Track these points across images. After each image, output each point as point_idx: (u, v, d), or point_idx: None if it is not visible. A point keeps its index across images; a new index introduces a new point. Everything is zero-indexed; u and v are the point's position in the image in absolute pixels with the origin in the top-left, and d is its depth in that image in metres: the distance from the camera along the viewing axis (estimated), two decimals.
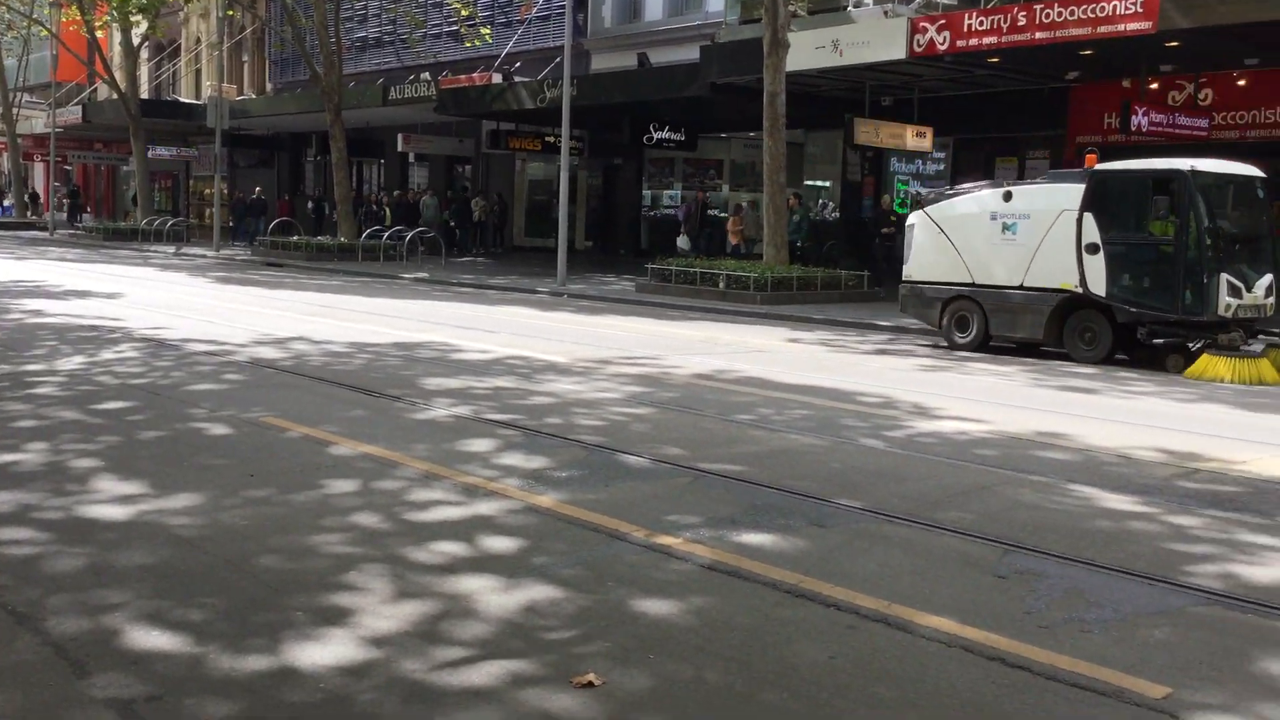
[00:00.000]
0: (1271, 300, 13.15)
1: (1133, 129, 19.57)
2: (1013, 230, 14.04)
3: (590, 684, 3.88)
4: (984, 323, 14.31)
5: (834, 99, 25.20)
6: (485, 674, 3.96)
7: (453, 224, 34.82)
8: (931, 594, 4.93)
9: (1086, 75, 23.07)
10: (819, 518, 6.09)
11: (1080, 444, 8.36)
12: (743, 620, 4.57)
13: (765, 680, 4.00)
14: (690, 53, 25.99)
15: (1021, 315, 13.96)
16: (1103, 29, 17.56)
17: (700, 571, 5.16)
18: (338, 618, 4.44)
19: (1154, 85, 22.44)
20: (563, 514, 6.02)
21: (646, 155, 33.02)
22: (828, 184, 30.32)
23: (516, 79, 30.12)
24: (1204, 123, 21.45)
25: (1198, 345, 12.74)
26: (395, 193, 38.11)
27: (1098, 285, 13.25)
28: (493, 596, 4.74)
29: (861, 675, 4.07)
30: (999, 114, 25.52)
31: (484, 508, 6.11)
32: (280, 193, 44.36)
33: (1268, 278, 13.06)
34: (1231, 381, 12.06)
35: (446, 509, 6.06)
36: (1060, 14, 17.82)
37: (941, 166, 28.14)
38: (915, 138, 24.20)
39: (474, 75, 32.05)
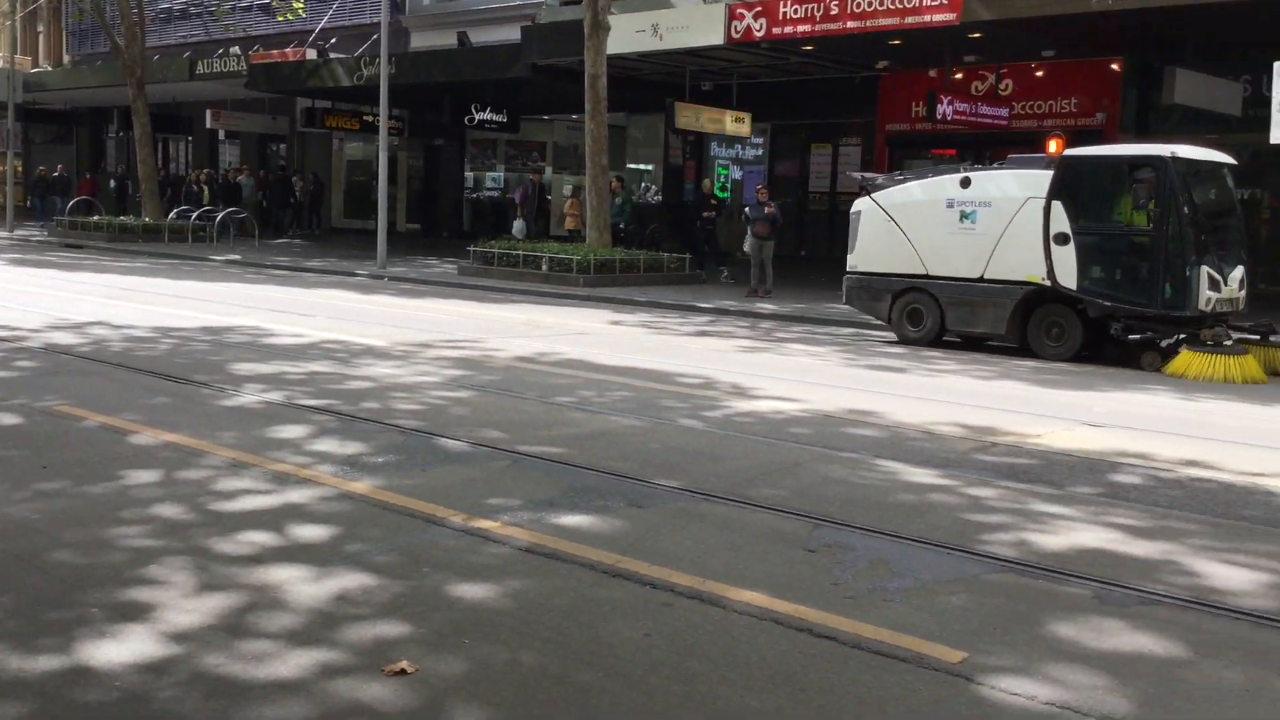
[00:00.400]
0: (1243, 293, 12.53)
1: (938, 117, 20.36)
2: (972, 219, 13.11)
3: (403, 671, 3.82)
4: (939, 316, 13.40)
5: (656, 83, 25.40)
6: (293, 666, 3.85)
7: (266, 204, 33.69)
8: (745, 569, 5.03)
9: (896, 65, 23.88)
10: (637, 498, 6.14)
11: (888, 421, 8.67)
12: (559, 602, 4.57)
13: (581, 660, 4.01)
14: (511, 33, 25.79)
15: (982, 309, 13.08)
16: (910, 20, 18.19)
17: (518, 554, 5.14)
18: (136, 613, 4.25)
19: (959, 75, 23.40)
20: (378, 500, 5.91)
21: (468, 136, 32.67)
22: (650, 167, 30.57)
23: (332, 55, 29.34)
24: (1004, 112, 22.47)
25: (1170, 341, 12.14)
26: (210, 171, 36.64)
27: (1068, 278, 12.40)
28: (303, 586, 4.61)
29: (675, 651, 4.12)
30: (815, 101, 26.18)
31: (295, 496, 5.94)
32: (80, 170, 42.12)
33: (1240, 269, 12.43)
34: (1216, 379, 11.31)
35: (255, 498, 5.87)
36: (870, 4, 18.38)
37: (760, 151, 28.74)
38: (735, 123, 24.60)
39: (287, 51, 31.08)
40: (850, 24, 18.75)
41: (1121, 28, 18.92)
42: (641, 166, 30.89)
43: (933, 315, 13.50)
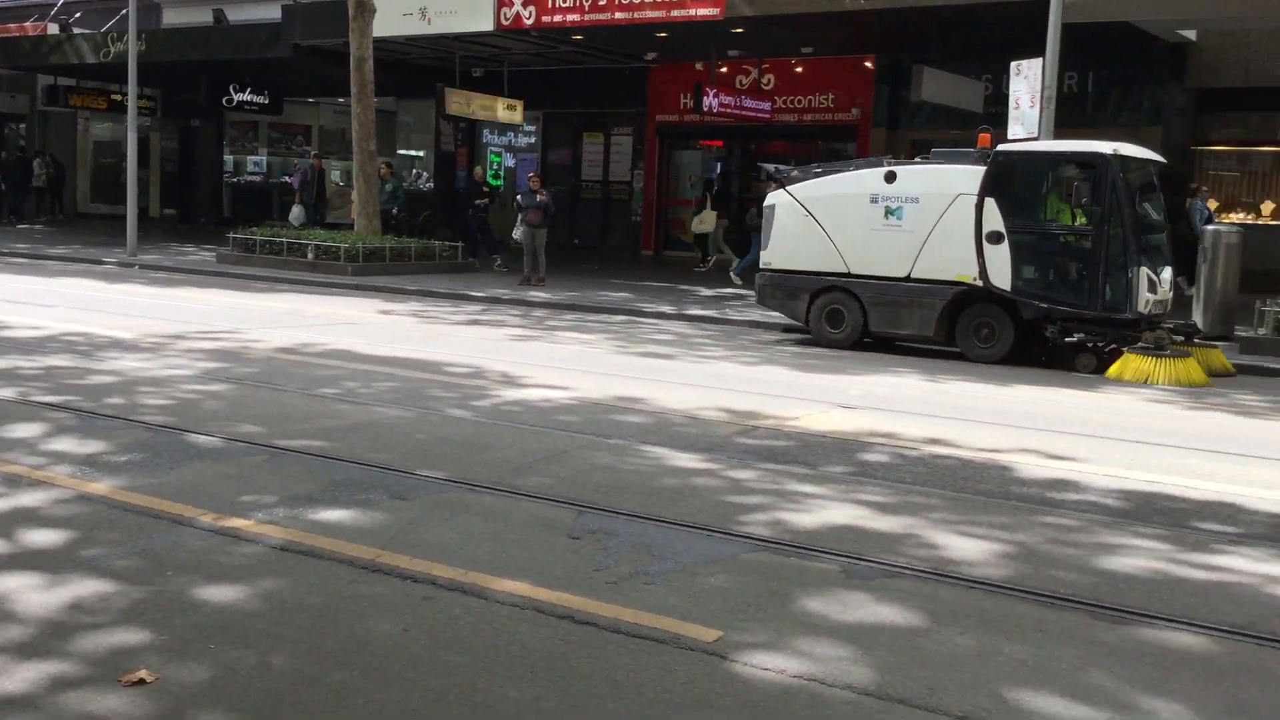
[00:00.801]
0: (1171, 294, 12.38)
1: (705, 109, 20.82)
2: (898, 215, 12.48)
3: (141, 681, 3.62)
4: (862, 317, 12.76)
5: (425, 67, 25.00)
6: (21, 680, 3.60)
7: (4, 188, 31.35)
8: (508, 559, 5.01)
9: (664, 57, 24.27)
10: (400, 490, 6.02)
11: (656, 407, 8.81)
12: (314, 600, 4.44)
13: (335, 660, 3.90)
14: (272, 11, 24.84)
15: (909, 310, 12.50)
16: (676, 13, 18.52)
17: (272, 553, 4.96)
18: None
19: (724, 69, 23.98)
20: (119, 501, 5.58)
21: (227, 118, 31.33)
22: (421, 154, 30.09)
23: (76, 30, 27.57)
24: (767, 106, 23.18)
25: (1106, 344, 11.84)
26: None
27: (1001, 278, 11.95)
28: (33, 595, 4.32)
29: (434, 645, 4.06)
30: (586, 90, 26.34)
31: (27, 499, 5.55)
32: None
33: (1168, 270, 12.23)
34: (1160, 383, 10.98)
35: None
36: None
37: (533, 139, 28.70)
38: (506, 110, 24.48)
39: (26, 24, 29.01)
40: (618, 15, 18.94)
41: (874, 27, 19.82)
42: (413, 153, 30.36)
43: (854, 316, 12.81)
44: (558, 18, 19.58)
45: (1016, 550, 5.43)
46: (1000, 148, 12.49)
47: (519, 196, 20.71)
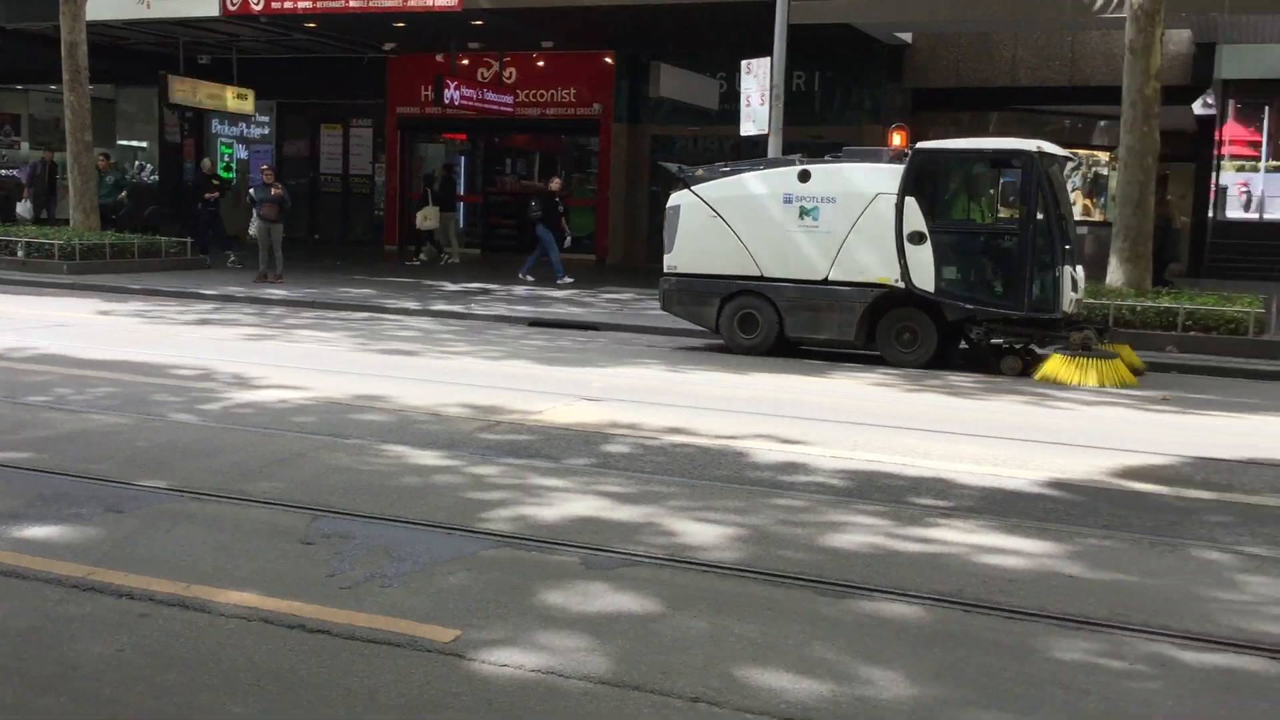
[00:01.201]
0: (1082, 293, 12.32)
1: (446, 102, 20.59)
2: (814, 215, 12.00)
3: None
4: (777, 322, 12.28)
5: (148, 53, 23.69)
6: None
7: None
8: (235, 570, 4.79)
9: (403, 47, 23.86)
10: (117, 503, 5.67)
11: (397, 405, 8.64)
12: (19, 624, 4.12)
13: (42, 685, 3.64)
14: None
15: (827, 314, 12.05)
16: (413, 3, 18.24)
17: None
18: None
19: (465, 61, 23.78)
20: None
21: None
22: (145, 145, 28.49)
23: None
24: (510, 99, 23.14)
25: (1024, 345, 11.80)
26: None
27: (924, 280, 11.59)
28: None
29: (152, 664, 3.84)
30: (323, 80, 25.58)
31: None
32: None
33: (1080, 268, 12.11)
34: (1090, 384, 10.86)
35: None
36: None
37: (267, 130, 27.65)
38: (236, 99, 23.48)
39: None
40: (353, 3, 18.49)
41: (610, 23, 20.10)
42: (135, 143, 28.70)
43: (769, 321, 12.31)
44: (288, 4, 18.93)
45: (749, 533, 5.62)
46: (921, 145, 12.13)
47: (251, 190, 19.90)
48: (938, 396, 10.30)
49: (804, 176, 12.13)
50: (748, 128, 15.26)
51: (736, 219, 12.42)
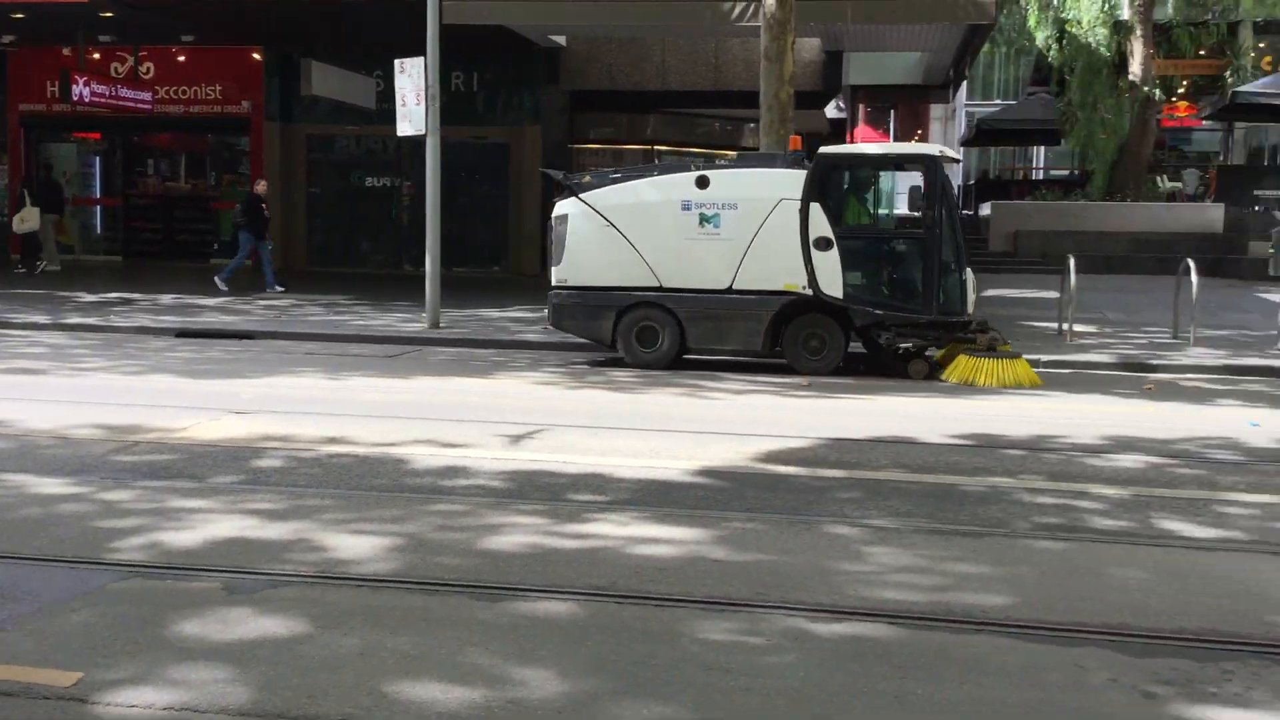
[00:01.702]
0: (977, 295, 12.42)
1: (75, 98, 19.11)
2: (715, 223, 11.66)
3: None
4: (679, 334, 11.84)
5: None
6: None
7: None
8: None
9: (25, 40, 21.95)
10: None
11: (17, 430, 7.90)
12: None
13: None
14: None
15: (732, 324, 11.76)
16: None
17: None
18: None
19: (96, 55, 22.15)
20: None
21: None
22: None
23: None
24: (148, 96, 21.76)
25: (924, 348, 11.91)
26: None
27: (832, 286, 11.47)
28: None
29: None
30: None
31: None
32: None
33: (969, 271, 11.99)
34: (998, 385, 11.08)
35: None
36: None
37: None
38: None
39: None
40: None
41: (254, 18, 19.28)
42: None
43: (671, 333, 11.86)
44: None
45: (406, 542, 5.51)
46: (825, 150, 12.05)
47: None
48: (599, 392, 10.53)
49: (702, 182, 11.78)
50: (404, 128, 15.00)
51: (631, 228, 11.93)
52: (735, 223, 11.67)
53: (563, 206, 12.29)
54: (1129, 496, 6.80)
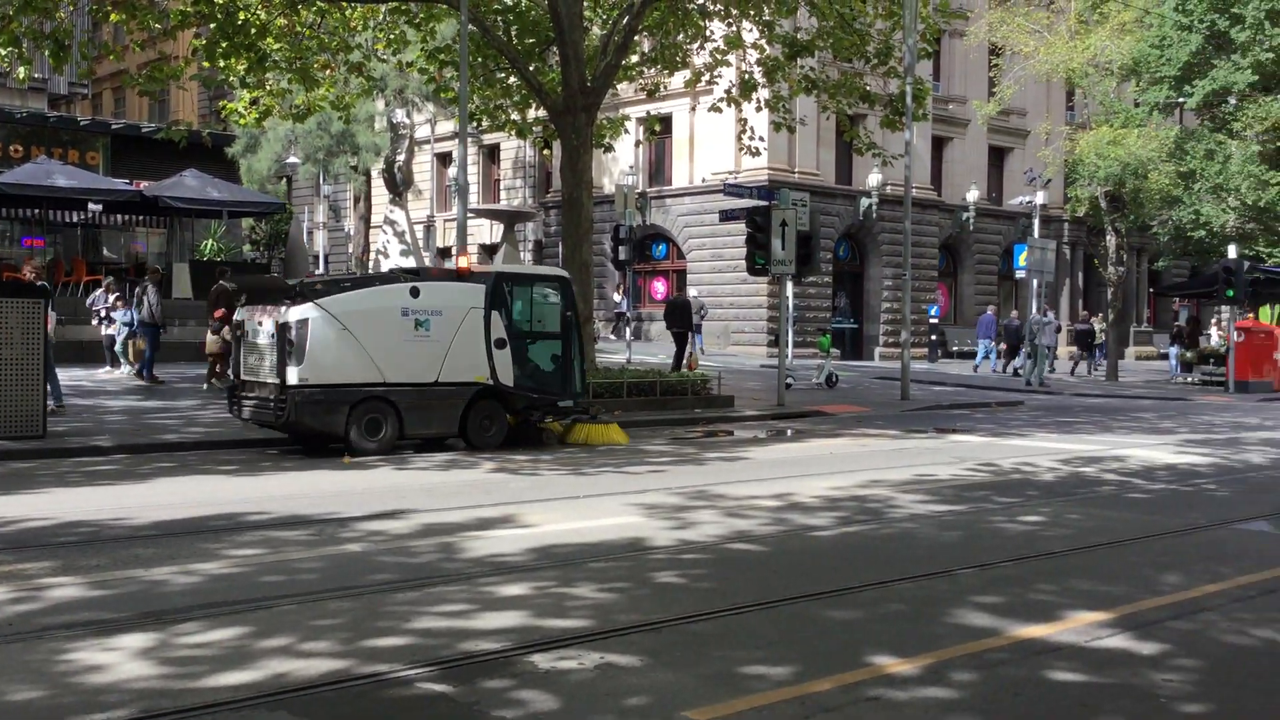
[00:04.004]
0: None
1: None
2: (426, 327, 13.95)
3: None
4: (398, 423, 13.87)
5: None
6: None
7: None
8: None
9: None
10: None
11: None
12: None
13: None
14: None
15: (436, 410, 14.16)
16: None
17: None
18: None
19: None
20: None
21: None
22: None
23: None
24: None
25: (553, 419, 15.44)
26: None
27: (506, 376, 14.49)
28: None
29: None
30: None
31: None
32: None
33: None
34: (605, 444, 15.13)
35: None
36: None
37: None
38: None
39: None
40: None
41: None
42: None
43: (391, 422, 13.82)
44: None
45: None
46: (501, 269, 16.09)
47: None
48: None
49: (415, 292, 14.07)
50: None
51: (362, 331, 13.69)
52: (441, 326, 14.12)
53: (301, 311, 13.48)
54: None
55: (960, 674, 5.63)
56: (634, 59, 24.27)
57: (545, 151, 32.15)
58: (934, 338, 39.96)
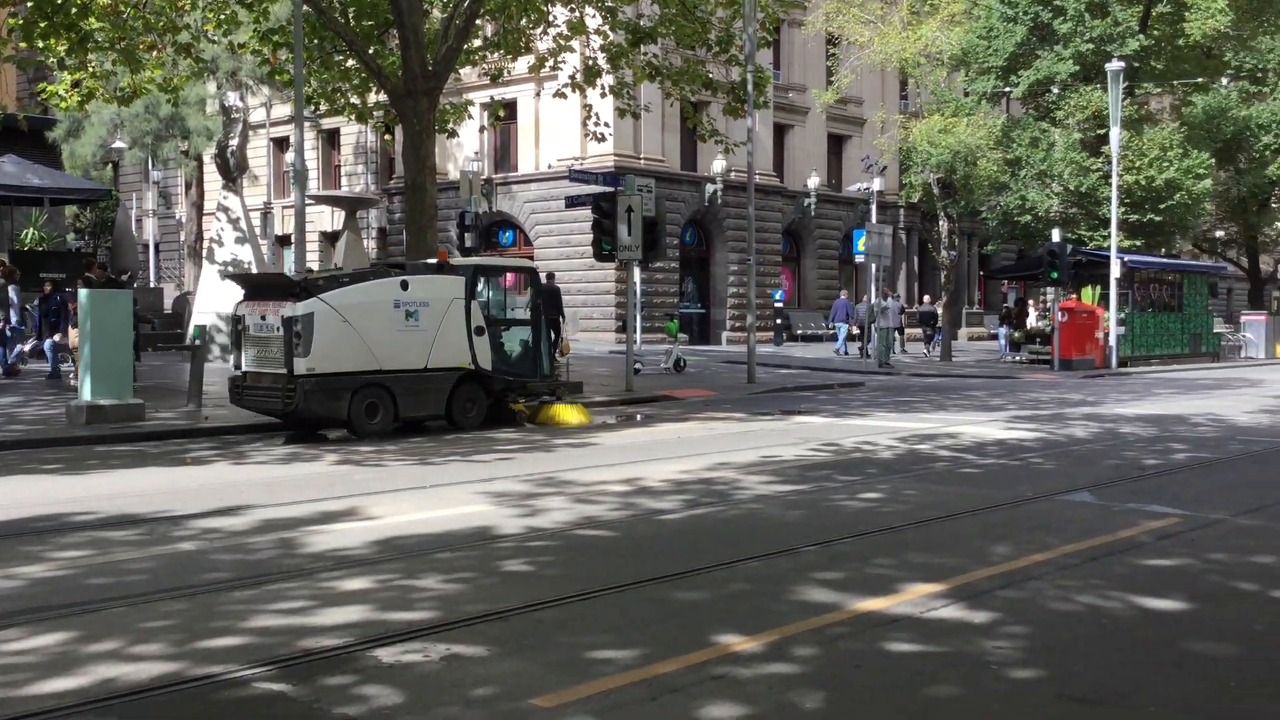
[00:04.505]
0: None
1: None
2: (415, 317, 15.03)
3: None
4: (393, 406, 14.90)
5: None
6: None
7: None
8: None
9: None
10: None
11: None
12: None
13: None
14: None
15: (426, 394, 15.26)
16: None
17: None
18: None
19: None
20: None
21: None
22: None
23: None
24: None
25: (525, 399, 16.61)
26: None
27: (485, 361, 15.79)
28: None
29: None
30: None
31: None
32: None
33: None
34: (573, 422, 16.27)
35: None
36: None
37: None
38: None
39: None
40: None
41: None
42: None
43: (387, 406, 14.86)
44: None
45: None
46: (477, 262, 17.16)
47: None
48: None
49: (404, 285, 15.11)
50: None
51: (360, 322, 14.66)
52: (428, 316, 15.23)
53: (307, 306, 14.31)
54: None
55: (803, 649, 5.74)
56: (477, 43, 24.03)
57: (387, 136, 31.59)
58: (779, 321, 40.76)
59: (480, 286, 16.20)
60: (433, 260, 16.56)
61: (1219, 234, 52.19)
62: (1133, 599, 6.77)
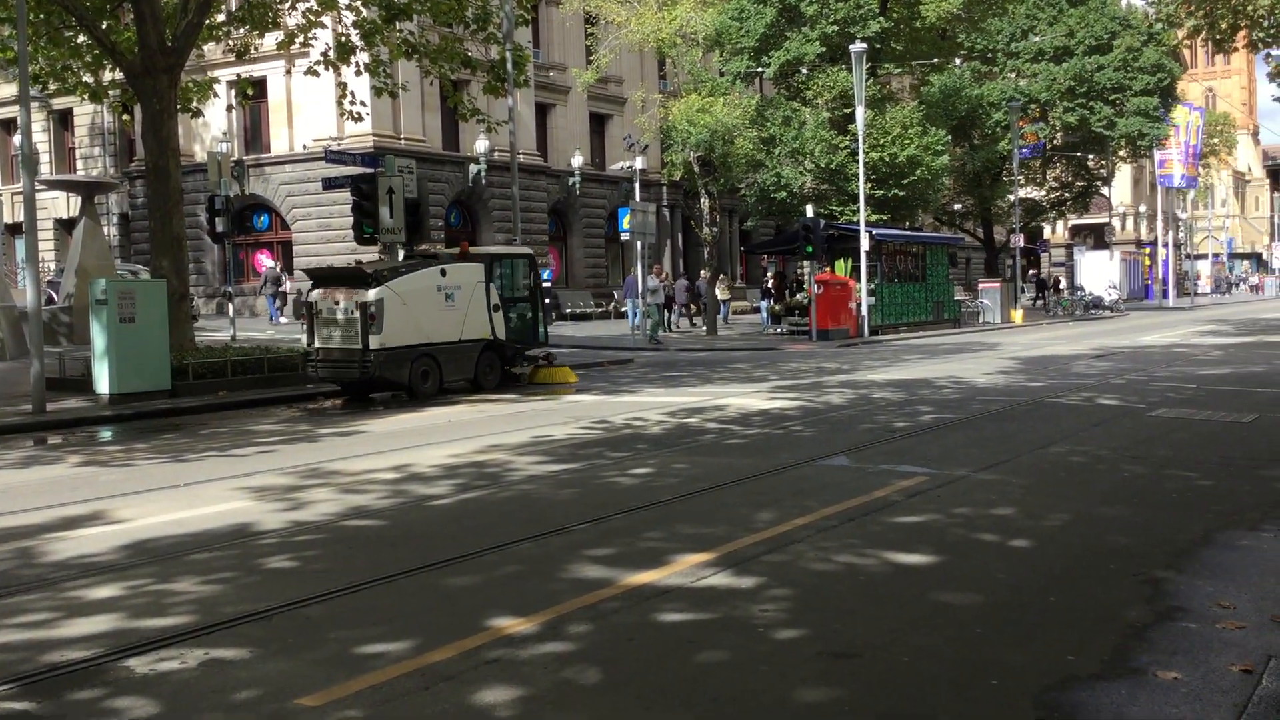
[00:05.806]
0: None
1: None
2: (452, 299, 18.36)
3: None
4: (439, 372, 18.27)
5: None
6: None
7: None
8: None
9: None
10: None
11: None
12: None
13: None
14: None
15: (461, 362, 18.71)
16: None
17: None
18: None
19: None
20: None
21: None
22: None
23: None
24: None
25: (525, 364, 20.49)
26: None
27: (501, 332, 19.30)
28: None
29: None
30: None
31: None
32: None
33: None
34: (565, 381, 20.31)
35: None
36: None
37: None
38: None
39: None
40: None
41: None
42: None
43: (434, 373, 18.18)
44: None
45: None
46: (489, 250, 21.13)
47: None
48: None
49: (443, 273, 18.42)
50: None
51: (415, 304, 17.87)
52: (461, 297, 18.63)
53: (378, 292, 17.39)
54: None
55: (577, 626, 5.77)
56: (220, 17, 22.92)
57: (125, 117, 29.83)
58: (547, 301, 40.81)
59: (496, 271, 19.42)
60: (454, 250, 20.04)
61: (956, 207, 55.35)
62: (886, 555, 7.12)
